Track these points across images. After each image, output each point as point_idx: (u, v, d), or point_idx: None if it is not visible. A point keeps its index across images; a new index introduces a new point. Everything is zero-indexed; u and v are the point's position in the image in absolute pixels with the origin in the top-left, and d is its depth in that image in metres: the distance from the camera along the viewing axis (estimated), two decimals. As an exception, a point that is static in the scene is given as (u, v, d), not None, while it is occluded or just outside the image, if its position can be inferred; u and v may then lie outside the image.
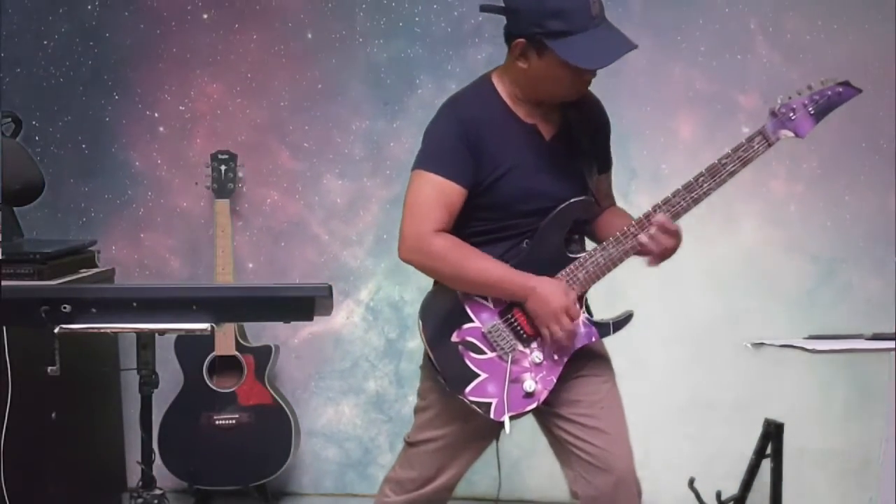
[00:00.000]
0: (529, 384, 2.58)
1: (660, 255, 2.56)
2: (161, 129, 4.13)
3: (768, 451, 2.86)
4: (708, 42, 3.97)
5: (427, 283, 2.70)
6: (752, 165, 2.64)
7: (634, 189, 3.84)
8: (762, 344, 2.77)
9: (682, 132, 4.01)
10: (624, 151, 3.65)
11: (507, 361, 2.58)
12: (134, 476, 3.71)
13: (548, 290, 2.53)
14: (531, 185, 2.57)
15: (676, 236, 2.56)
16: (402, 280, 4.09)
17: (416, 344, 4.05)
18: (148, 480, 2.45)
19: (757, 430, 2.90)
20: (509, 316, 2.59)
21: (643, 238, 2.53)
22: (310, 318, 2.38)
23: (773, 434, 2.85)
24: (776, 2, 3.92)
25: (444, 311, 2.61)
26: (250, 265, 4.12)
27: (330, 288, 2.36)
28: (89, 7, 4.12)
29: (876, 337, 2.66)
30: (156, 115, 4.13)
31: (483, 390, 2.58)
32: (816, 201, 3.94)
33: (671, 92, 3.99)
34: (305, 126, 4.11)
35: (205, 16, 4.06)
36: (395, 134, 4.09)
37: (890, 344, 2.65)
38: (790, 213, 3.95)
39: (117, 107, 4.12)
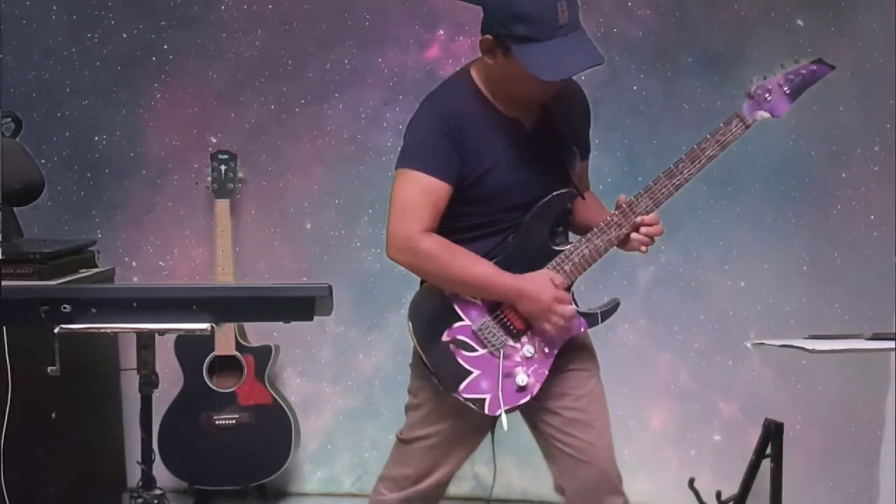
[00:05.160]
0: (522, 378, 2.59)
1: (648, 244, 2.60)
2: (135, 279, 4.07)
3: (768, 451, 2.85)
4: (704, 339, 3.94)
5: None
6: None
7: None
8: (762, 344, 2.76)
9: (652, 423, 3.96)
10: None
11: (498, 357, 2.58)
12: (134, 476, 3.71)
13: (535, 287, 2.54)
14: (515, 179, 2.57)
15: (658, 223, 2.59)
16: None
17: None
18: (148, 480, 2.45)
19: (757, 430, 2.90)
20: (498, 312, 2.60)
21: (634, 241, 2.56)
22: (310, 318, 2.38)
23: (773, 434, 2.84)
24: (780, 315, 3.86)
25: (434, 311, 2.62)
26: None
27: (330, 288, 2.36)
28: (96, 138, 4.08)
29: (876, 337, 2.65)
30: (133, 263, 4.07)
31: (477, 387, 2.58)
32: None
33: (653, 380, 3.92)
34: None
35: (208, 178, 3.95)
36: (367, 347, 4.08)
37: (890, 344, 2.64)
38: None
39: (98, 245, 4.00)
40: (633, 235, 2.57)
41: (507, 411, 2.59)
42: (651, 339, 3.94)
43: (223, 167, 3.92)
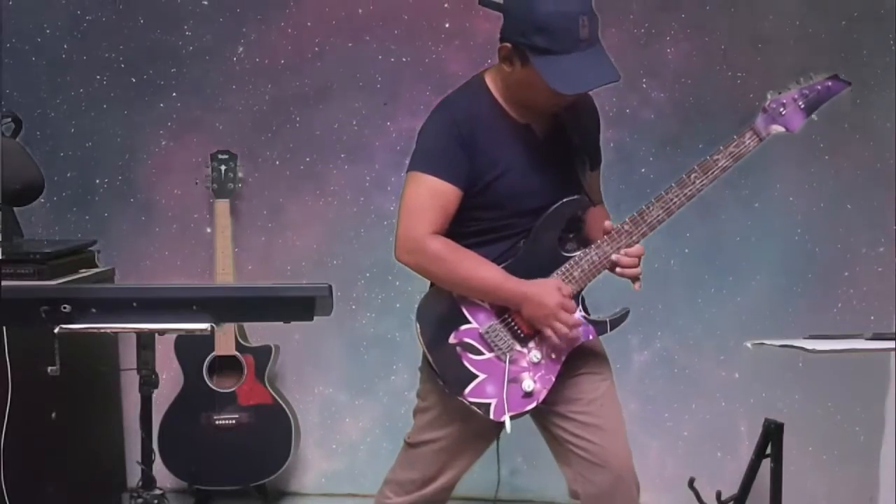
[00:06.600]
0: (528, 383, 2.58)
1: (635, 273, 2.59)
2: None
3: (768, 451, 2.85)
4: (692, 428, 3.92)
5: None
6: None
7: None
8: (762, 343, 2.76)
9: None
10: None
11: (505, 361, 2.58)
12: (134, 476, 3.71)
13: (541, 293, 2.53)
14: (526, 185, 2.57)
15: (640, 255, 2.58)
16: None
17: None
18: (148, 480, 2.46)
19: (757, 431, 2.90)
20: (506, 316, 2.59)
21: (615, 258, 2.55)
22: (310, 318, 2.38)
23: (773, 434, 2.84)
24: (773, 410, 3.65)
25: (441, 313, 2.61)
26: (250, 265, 4.09)
27: (330, 288, 2.37)
28: (97, 179, 4.08)
29: (876, 337, 2.66)
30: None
31: (482, 391, 2.58)
32: None
33: (640, 467, 3.75)
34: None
35: (208, 229, 3.94)
36: (354, 411, 4.07)
37: (890, 344, 2.64)
38: None
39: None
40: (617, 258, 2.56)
41: (512, 417, 2.58)
42: (641, 424, 3.88)
43: (223, 167, 3.92)
